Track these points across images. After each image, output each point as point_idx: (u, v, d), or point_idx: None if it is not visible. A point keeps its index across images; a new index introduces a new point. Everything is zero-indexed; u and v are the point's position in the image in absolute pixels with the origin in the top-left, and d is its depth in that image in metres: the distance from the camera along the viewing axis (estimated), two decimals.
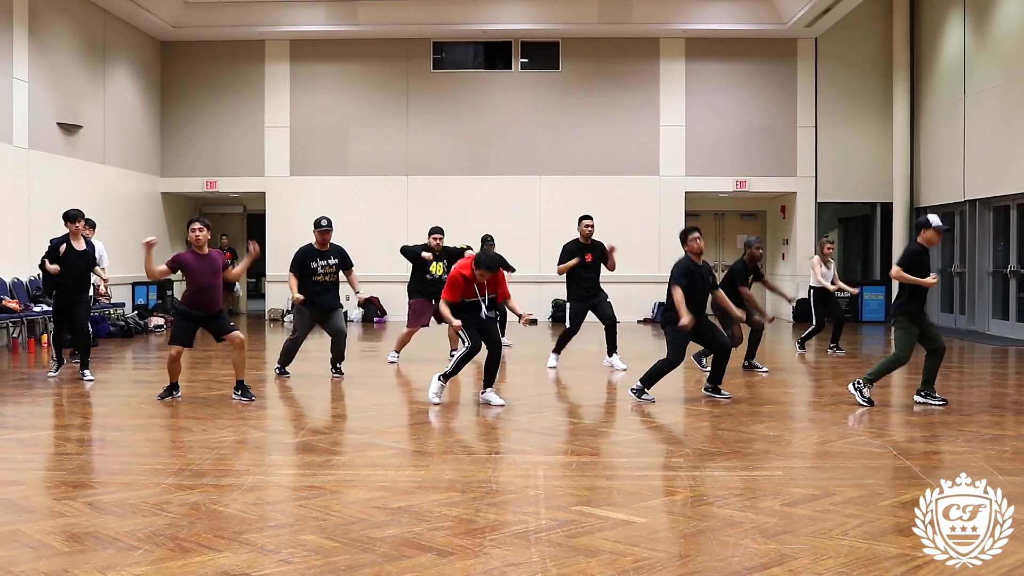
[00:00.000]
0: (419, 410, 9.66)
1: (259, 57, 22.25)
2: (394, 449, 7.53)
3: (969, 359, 14.99)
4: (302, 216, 21.63)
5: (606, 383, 11.80)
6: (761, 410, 9.46)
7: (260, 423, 8.84)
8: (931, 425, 8.63)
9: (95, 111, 19.17)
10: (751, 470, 6.87)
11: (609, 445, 7.91)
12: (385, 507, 5.79)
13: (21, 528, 5.33)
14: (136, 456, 7.36)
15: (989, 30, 18.29)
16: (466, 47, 22.42)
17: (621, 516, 5.61)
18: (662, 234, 21.80)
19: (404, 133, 22.17)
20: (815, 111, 22.01)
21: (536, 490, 6.22)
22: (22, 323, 15.52)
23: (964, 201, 19.19)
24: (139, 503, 5.85)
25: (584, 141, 22.06)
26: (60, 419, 9.19)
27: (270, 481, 6.50)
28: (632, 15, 21.06)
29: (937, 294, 20.82)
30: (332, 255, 11.65)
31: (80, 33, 18.63)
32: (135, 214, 20.51)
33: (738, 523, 5.48)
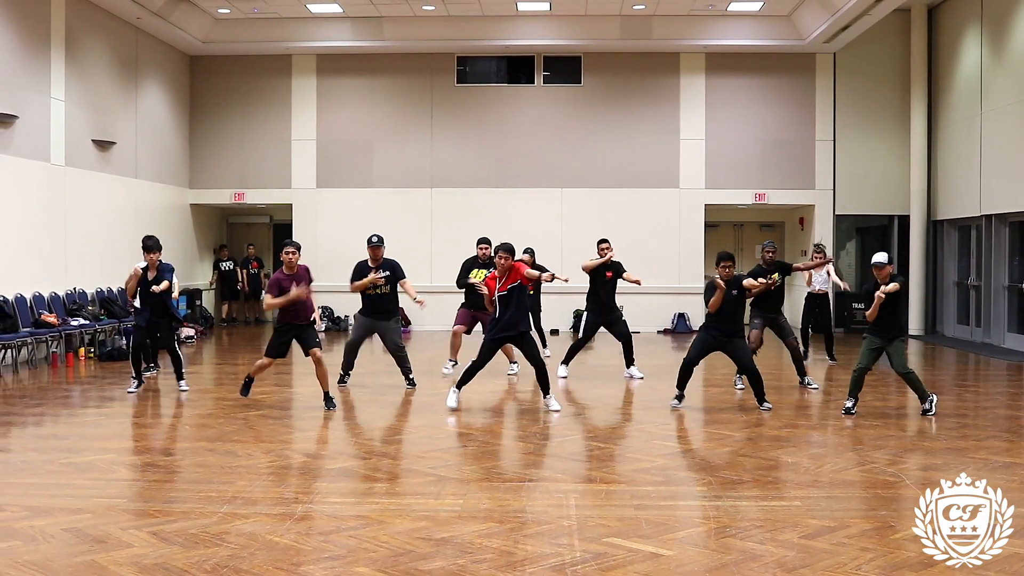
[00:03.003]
0: (449, 433, 10.08)
1: (286, 72, 22.71)
2: (432, 476, 7.94)
3: (984, 376, 15.32)
4: (328, 227, 22.19)
5: (625, 400, 12.23)
6: (780, 433, 9.84)
7: (300, 447, 9.29)
8: (945, 452, 8.98)
9: (127, 127, 19.67)
10: (770, 500, 7.25)
11: (635, 472, 8.29)
12: (429, 538, 6.21)
13: (95, 559, 5.76)
14: (189, 483, 7.79)
15: (1006, 48, 18.58)
16: (489, 62, 22.82)
17: (650, 548, 6.00)
18: (682, 246, 22.21)
19: (428, 146, 22.60)
20: (833, 125, 22.35)
21: (569, 520, 6.63)
22: (60, 337, 15.99)
23: (981, 216, 19.48)
24: (199, 532, 6.28)
25: (605, 154, 22.45)
26: (110, 441, 9.63)
27: (319, 510, 6.91)
28: (653, 31, 21.42)
29: (953, 307, 21.14)
30: (384, 268, 12.30)
31: (113, 51, 19.12)
32: (165, 225, 20.98)
33: (759, 556, 5.87)
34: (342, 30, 21.79)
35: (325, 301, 22.23)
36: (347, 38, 21.85)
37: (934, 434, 9.93)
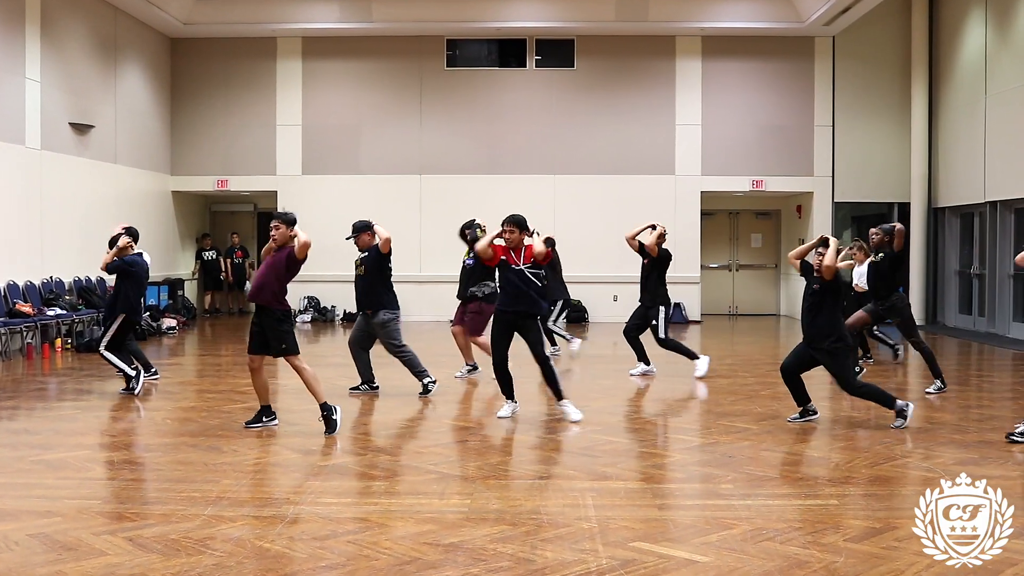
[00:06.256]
0: (447, 427, 9.49)
1: (271, 54, 22.01)
2: (434, 473, 7.33)
3: (992, 366, 14.84)
4: (314, 215, 21.45)
5: (631, 395, 11.65)
6: (796, 426, 9.25)
7: (289, 441, 8.60)
8: (978, 445, 8.41)
9: (106, 110, 18.95)
10: (804, 498, 6.68)
11: (653, 468, 7.72)
12: (437, 543, 5.61)
13: (63, 569, 5.14)
14: (170, 482, 7.17)
15: (1011, 30, 18.06)
16: (480, 45, 22.20)
17: (683, 554, 5.42)
18: (677, 233, 21.57)
19: (417, 131, 21.96)
20: (832, 110, 21.80)
21: (589, 522, 6.03)
22: (36, 327, 15.33)
23: (985, 202, 18.97)
24: (181, 538, 5.67)
25: (599, 140, 21.85)
26: (85, 437, 8.97)
27: (312, 512, 6.29)
28: (649, 13, 20.84)
29: (955, 296, 20.66)
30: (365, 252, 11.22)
31: (92, 32, 18.40)
32: (146, 213, 20.24)
33: (805, 562, 5.30)
34: (329, 11, 21.12)
35: (311, 291, 21.61)
36: (334, 20, 21.18)
37: (963, 427, 9.36)
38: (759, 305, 23.72)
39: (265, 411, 9.15)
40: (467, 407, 10.71)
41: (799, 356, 9.38)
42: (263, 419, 9.13)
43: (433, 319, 20.69)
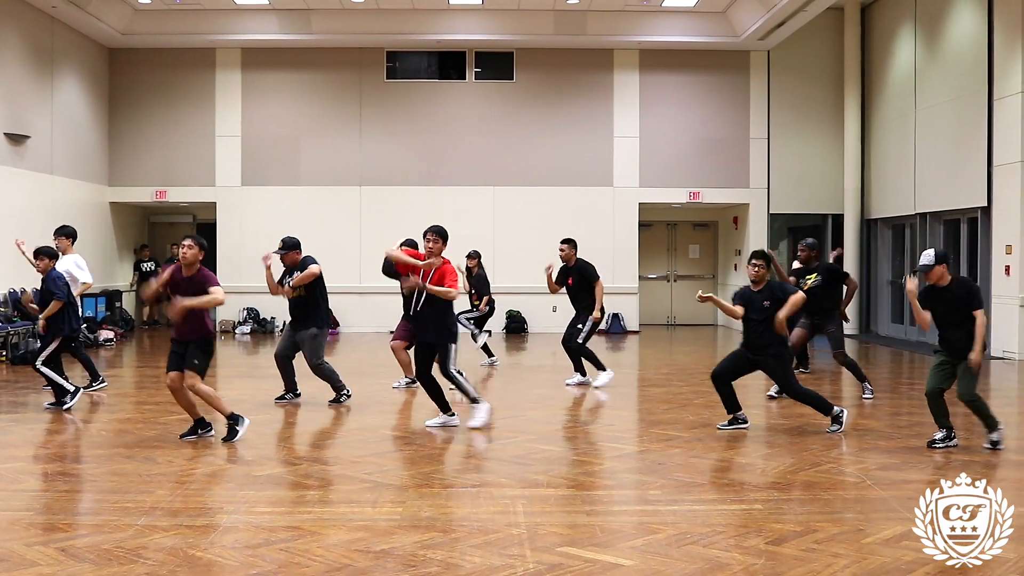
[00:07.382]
0: (383, 437, 9.58)
1: (210, 65, 21.95)
2: (368, 482, 7.41)
3: (922, 374, 15.12)
4: (253, 226, 21.45)
5: (568, 403, 11.81)
6: (726, 433, 9.45)
7: (224, 452, 8.64)
8: (901, 451, 8.66)
9: (42, 120, 18.79)
10: (730, 503, 6.86)
11: (584, 476, 7.86)
12: (368, 550, 5.70)
13: None
14: (104, 492, 7.18)
15: (940, 45, 18.53)
16: (420, 57, 22.31)
17: (608, 558, 5.56)
18: (616, 245, 21.84)
19: (357, 143, 22.00)
20: (768, 123, 22.18)
21: (518, 528, 6.16)
22: None
23: (915, 214, 19.42)
24: (114, 548, 5.70)
25: (538, 152, 22.04)
26: (19, 449, 8.92)
27: (246, 521, 6.35)
28: (587, 27, 21.07)
29: (888, 305, 21.09)
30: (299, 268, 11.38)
31: (27, 41, 18.24)
32: (83, 224, 19.91)
33: (726, 565, 5.46)
34: (268, 23, 21.10)
35: (250, 303, 21.54)
36: (273, 31, 21.16)
37: (888, 433, 9.62)
38: (697, 316, 24.00)
39: (200, 423, 9.17)
40: (405, 417, 10.79)
41: (734, 362, 9.59)
42: (198, 431, 9.15)
43: (374, 330, 20.74)
